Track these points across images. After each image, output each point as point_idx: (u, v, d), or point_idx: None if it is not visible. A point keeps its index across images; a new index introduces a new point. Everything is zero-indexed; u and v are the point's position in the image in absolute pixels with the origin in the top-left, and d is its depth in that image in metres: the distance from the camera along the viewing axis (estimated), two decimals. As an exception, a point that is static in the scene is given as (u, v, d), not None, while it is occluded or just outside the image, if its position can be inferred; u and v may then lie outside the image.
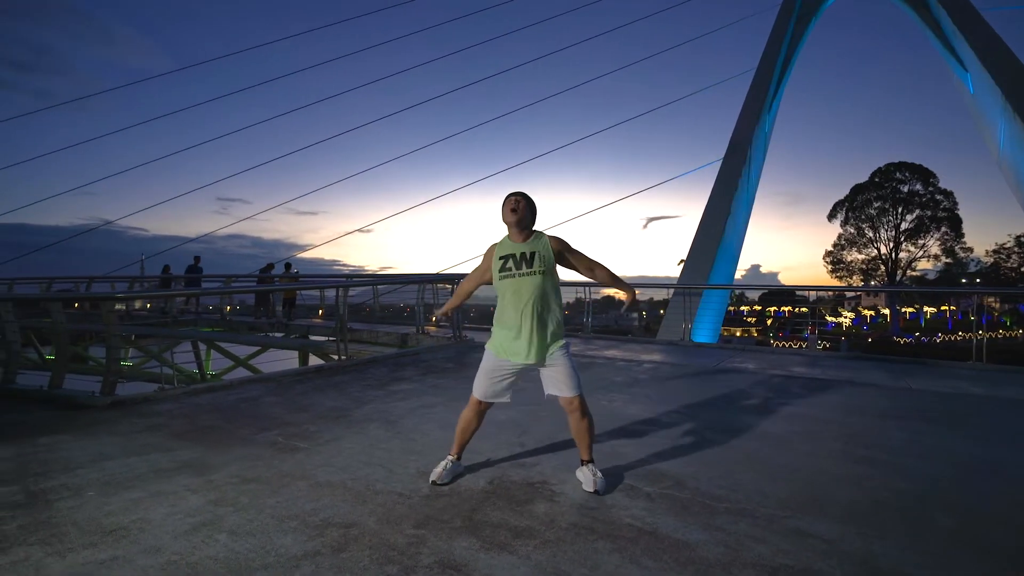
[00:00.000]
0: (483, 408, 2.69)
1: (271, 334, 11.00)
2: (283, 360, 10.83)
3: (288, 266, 12.51)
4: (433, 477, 2.61)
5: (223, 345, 12.22)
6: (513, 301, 2.52)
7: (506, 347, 2.55)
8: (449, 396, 4.59)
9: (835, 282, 39.86)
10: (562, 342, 2.61)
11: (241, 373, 10.97)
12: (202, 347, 12.35)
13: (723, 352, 7.67)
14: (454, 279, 8.63)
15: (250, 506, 2.33)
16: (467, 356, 6.84)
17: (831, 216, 40.47)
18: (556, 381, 2.60)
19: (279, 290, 11.23)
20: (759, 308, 62.76)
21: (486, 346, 2.67)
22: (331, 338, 8.92)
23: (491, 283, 2.68)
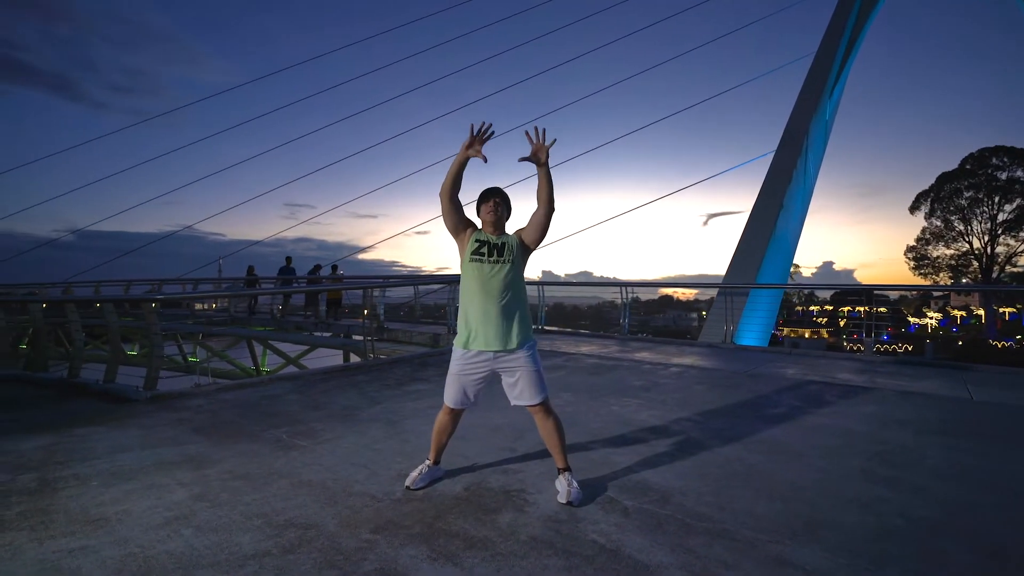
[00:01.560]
0: (457, 413, 2.65)
1: (316, 333, 11.49)
2: (329, 358, 11.29)
3: (334, 268, 13.03)
4: (408, 482, 2.60)
5: (277, 344, 12.91)
6: (481, 287, 2.49)
7: (473, 336, 2.50)
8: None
9: (920, 281, 36.53)
10: (530, 340, 2.56)
11: (291, 371, 11.53)
12: (258, 346, 13.14)
13: (764, 356, 7.20)
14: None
15: (226, 502, 2.41)
16: (491, 357, 6.82)
17: (914, 208, 37.14)
18: (520, 390, 2.52)
19: (308, 291, 11.69)
20: (830, 308, 58.74)
21: (453, 346, 2.63)
22: (371, 338, 9.19)
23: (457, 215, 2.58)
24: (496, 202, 2.54)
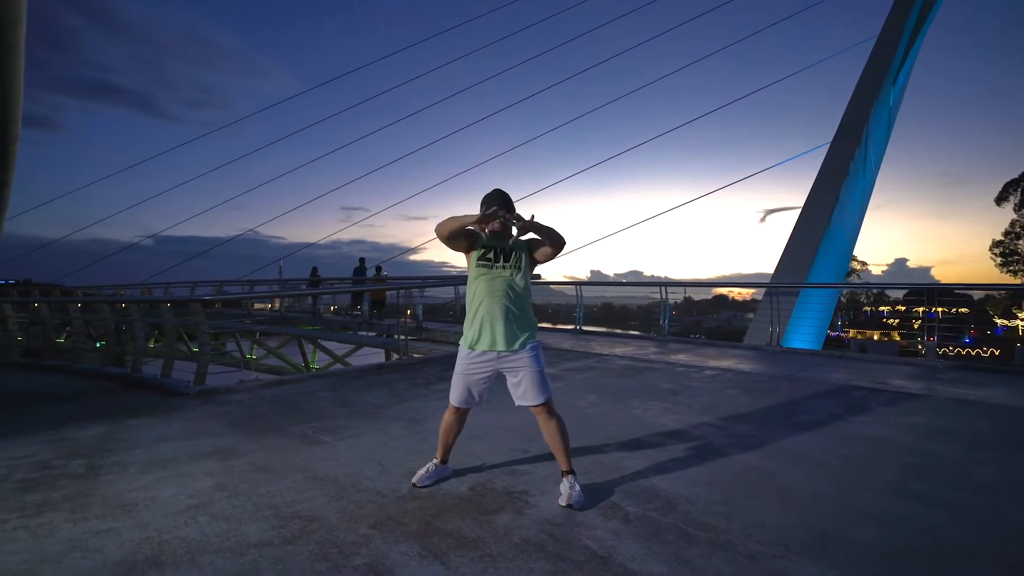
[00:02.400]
0: (462, 413, 2.69)
1: (360, 333, 11.89)
2: (373, 357, 11.67)
3: (379, 268, 13.44)
4: (414, 480, 2.65)
5: (327, 343, 13.47)
6: (485, 295, 2.52)
7: (478, 337, 2.53)
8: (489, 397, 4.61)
9: (1008, 279, 33.40)
10: (533, 341, 2.55)
11: (337, 368, 11.99)
12: (309, 345, 13.76)
13: (812, 359, 6.81)
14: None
15: (243, 493, 2.55)
16: (522, 357, 6.83)
17: (1000, 199, 34.03)
18: (523, 390, 2.52)
19: (338, 292, 12.03)
20: (903, 308, 54.66)
21: (459, 346, 2.65)
22: (409, 337, 9.42)
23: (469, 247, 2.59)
24: (504, 215, 2.49)
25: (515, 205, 2.61)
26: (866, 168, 13.59)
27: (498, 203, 2.53)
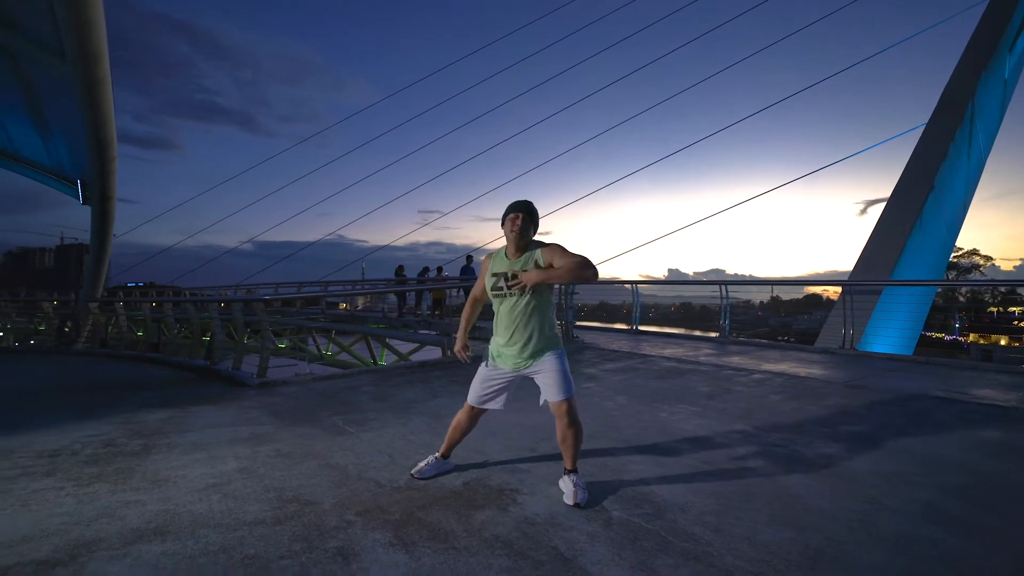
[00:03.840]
0: (476, 413, 2.72)
1: (421, 332, 12.34)
2: (434, 354, 12.08)
3: (439, 269, 13.88)
4: (413, 471, 2.74)
5: (392, 341, 14.12)
6: (505, 315, 2.52)
7: (498, 354, 2.58)
8: (518, 395, 4.62)
9: None
10: (554, 348, 2.53)
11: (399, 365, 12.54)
12: (376, 343, 14.51)
13: (888, 364, 6.15)
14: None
15: (259, 476, 2.77)
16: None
17: None
18: (545, 386, 2.52)
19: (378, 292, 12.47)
20: (1038, 309, 47.47)
21: (484, 355, 2.69)
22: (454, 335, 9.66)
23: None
24: (517, 213, 2.49)
25: (538, 212, 2.58)
26: (972, 150, 11.86)
27: (522, 213, 2.50)
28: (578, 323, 13.44)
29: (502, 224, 2.54)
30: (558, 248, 2.44)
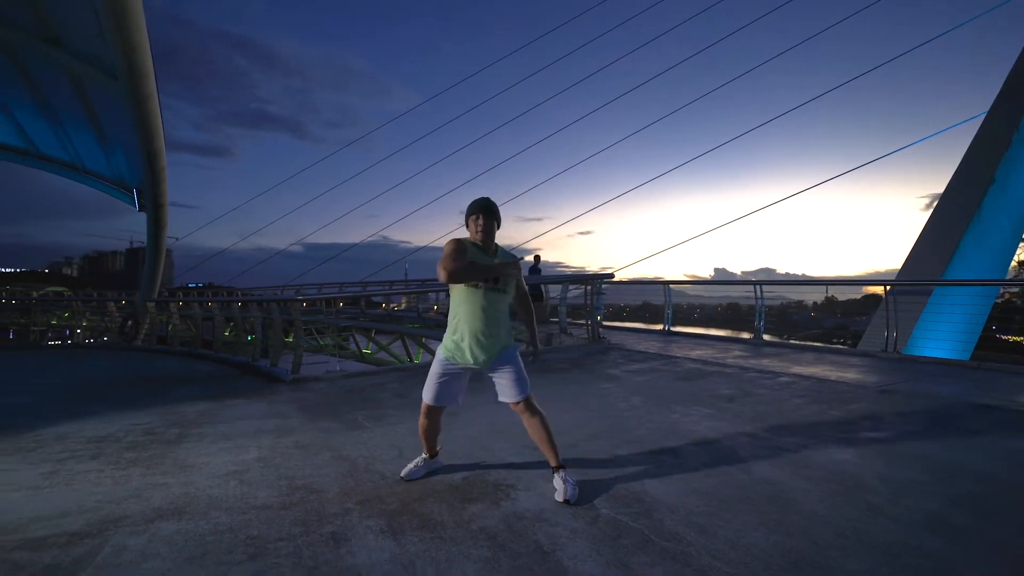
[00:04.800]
0: (434, 412, 2.72)
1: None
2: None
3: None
4: (402, 473, 2.77)
5: (428, 341, 14.42)
6: (468, 309, 2.55)
7: (454, 350, 2.60)
8: (535, 395, 4.69)
9: None
10: (509, 347, 2.58)
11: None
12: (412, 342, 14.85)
13: (931, 369, 5.81)
14: (594, 279, 8.52)
15: (276, 465, 2.96)
16: (587, 358, 6.77)
17: None
18: (502, 387, 2.58)
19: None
20: None
21: (437, 350, 2.75)
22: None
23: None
24: (478, 215, 2.58)
25: (499, 210, 2.67)
26: (1040, 140, 10.87)
27: (485, 214, 2.58)
28: (618, 324, 13.32)
29: (466, 223, 2.63)
30: (521, 267, 2.67)
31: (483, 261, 2.56)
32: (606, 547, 2.01)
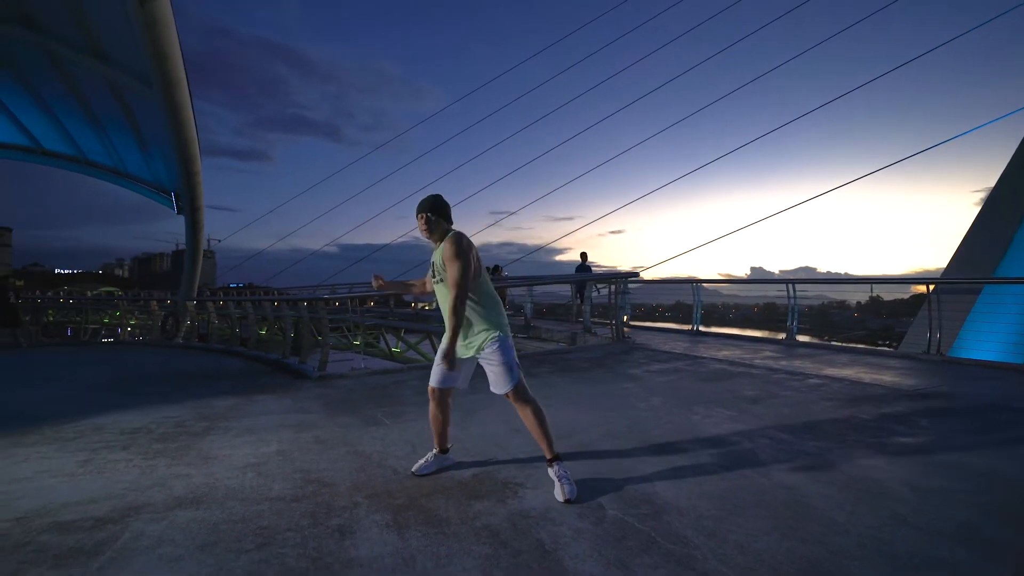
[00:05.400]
0: (440, 397, 2.77)
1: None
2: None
3: (499, 268, 14.05)
4: (413, 469, 2.81)
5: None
6: (441, 302, 2.68)
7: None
8: (552, 395, 4.66)
9: None
10: (494, 335, 2.60)
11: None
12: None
13: (979, 373, 5.48)
14: (617, 278, 8.41)
15: (293, 459, 3.04)
16: (610, 358, 6.68)
17: None
18: (491, 380, 2.63)
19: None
20: None
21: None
22: (519, 335, 9.79)
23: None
24: (420, 214, 2.65)
25: (443, 203, 2.69)
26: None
27: (425, 212, 2.63)
28: (649, 324, 13.10)
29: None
30: (453, 246, 2.54)
31: (434, 258, 2.68)
32: (609, 548, 1.98)
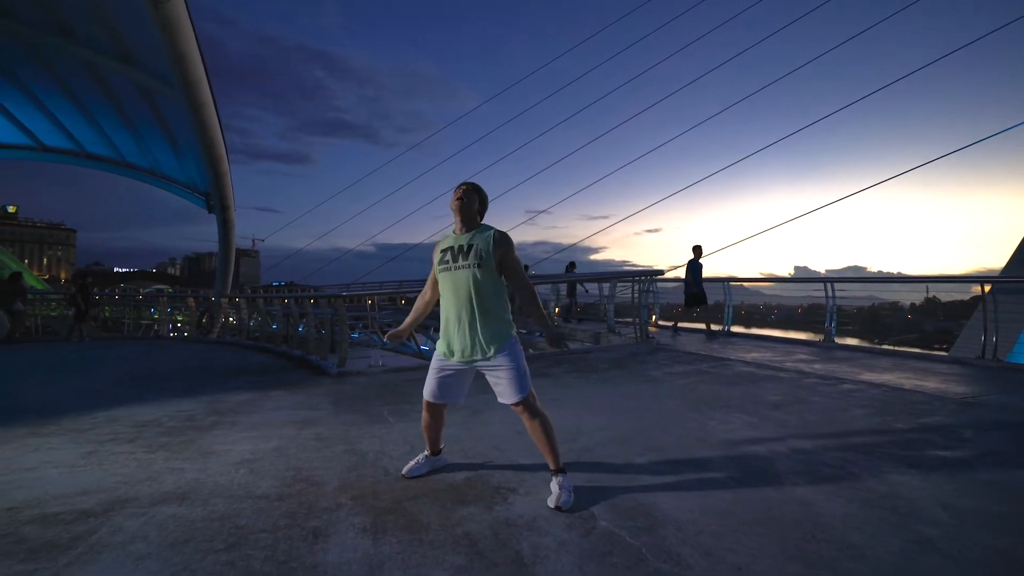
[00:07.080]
0: (434, 408, 2.62)
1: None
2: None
3: (573, 265, 13.82)
4: (404, 471, 2.70)
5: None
6: (450, 296, 2.44)
7: (445, 345, 2.50)
8: (565, 396, 4.52)
9: None
10: (506, 340, 2.42)
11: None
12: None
13: (1035, 380, 5.00)
14: (641, 276, 8.13)
15: (289, 456, 3.01)
16: (630, 358, 6.45)
17: None
18: (499, 387, 2.43)
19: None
20: None
21: (435, 349, 2.64)
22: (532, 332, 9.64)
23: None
24: (464, 188, 2.50)
25: (486, 194, 2.58)
26: None
27: (466, 186, 2.52)
28: (681, 324, 12.71)
29: (450, 204, 2.53)
30: (508, 241, 2.44)
31: (451, 244, 2.51)
32: (591, 564, 1.83)
